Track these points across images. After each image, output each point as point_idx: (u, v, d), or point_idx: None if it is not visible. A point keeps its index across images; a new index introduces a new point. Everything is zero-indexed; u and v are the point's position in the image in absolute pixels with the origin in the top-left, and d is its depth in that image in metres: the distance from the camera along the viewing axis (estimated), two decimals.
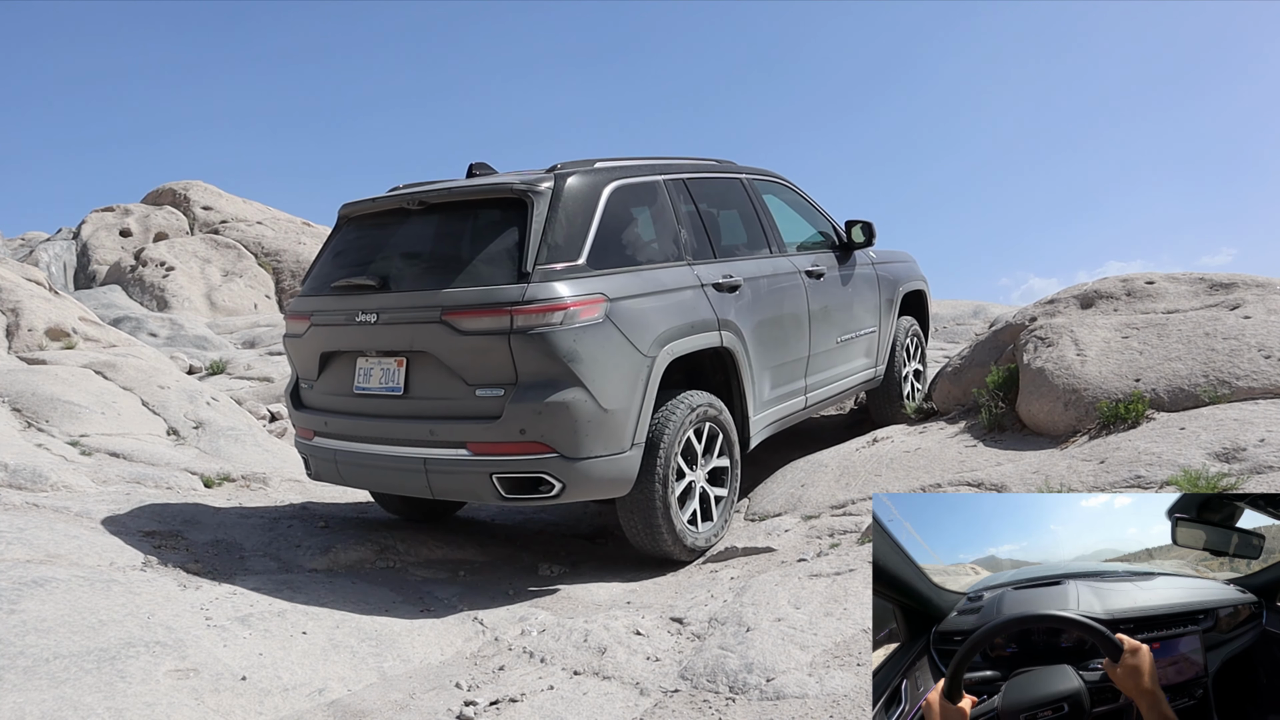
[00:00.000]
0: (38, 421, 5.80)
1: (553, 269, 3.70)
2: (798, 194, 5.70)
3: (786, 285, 4.96)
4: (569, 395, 3.61)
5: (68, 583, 3.12)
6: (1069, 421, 4.52)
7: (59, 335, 7.61)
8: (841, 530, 4.06)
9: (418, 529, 4.72)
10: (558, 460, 3.64)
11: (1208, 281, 5.22)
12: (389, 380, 3.93)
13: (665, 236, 4.39)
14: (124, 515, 4.26)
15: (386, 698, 2.79)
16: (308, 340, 4.22)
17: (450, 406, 3.77)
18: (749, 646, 2.85)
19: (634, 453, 3.83)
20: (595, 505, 5.78)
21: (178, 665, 2.70)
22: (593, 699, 2.71)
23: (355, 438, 4.06)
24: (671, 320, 4.02)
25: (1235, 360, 4.32)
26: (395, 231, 4.20)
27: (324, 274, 4.29)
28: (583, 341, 3.64)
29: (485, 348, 3.63)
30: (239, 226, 18.04)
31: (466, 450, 3.71)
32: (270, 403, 8.56)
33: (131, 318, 13.18)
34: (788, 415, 4.98)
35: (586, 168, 4.10)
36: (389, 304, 3.87)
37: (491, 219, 3.92)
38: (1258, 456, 3.55)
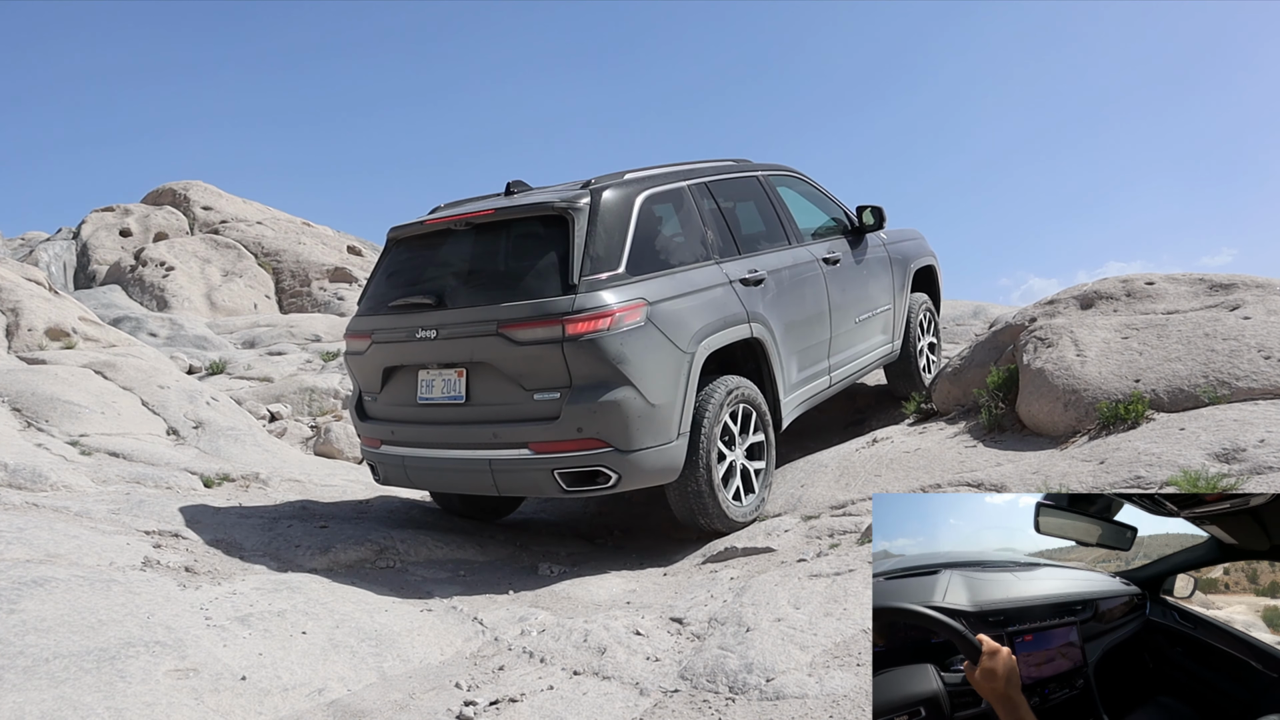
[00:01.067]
0: (37, 421, 5.80)
1: (597, 279, 4.00)
2: (810, 184, 5.99)
3: (806, 274, 5.25)
4: (620, 394, 3.90)
5: (67, 583, 3.12)
6: (1069, 422, 4.52)
7: (59, 335, 7.60)
8: (841, 530, 4.06)
9: (417, 529, 4.72)
10: (613, 454, 3.94)
11: (1207, 282, 5.22)
12: (451, 390, 4.22)
13: (693, 238, 4.68)
14: (124, 515, 4.26)
15: (386, 698, 2.79)
16: (370, 357, 4.50)
17: (510, 411, 4.05)
18: (749, 647, 2.85)
19: (680, 442, 4.13)
20: (595, 506, 5.78)
21: (177, 665, 2.70)
22: (592, 699, 2.71)
23: (422, 444, 4.36)
24: (706, 317, 4.31)
25: (1235, 361, 4.32)
26: (444, 251, 4.47)
27: (380, 294, 4.59)
28: (629, 344, 3.93)
29: (541, 355, 3.92)
30: (239, 226, 18.04)
31: (528, 450, 4.00)
32: (270, 403, 8.57)
33: (131, 318, 13.18)
34: (815, 395, 5.28)
35: (618, 180, 4.38)
36: (447, 320, 4.16)
37: (536, 235, 4.22)
38: (1257, 457, 3.55)
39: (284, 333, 12.64)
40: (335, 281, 16.93)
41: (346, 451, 7.34)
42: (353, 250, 18.93)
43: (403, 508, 5.37)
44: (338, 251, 18.40)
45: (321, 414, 8.44)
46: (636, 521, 5.40)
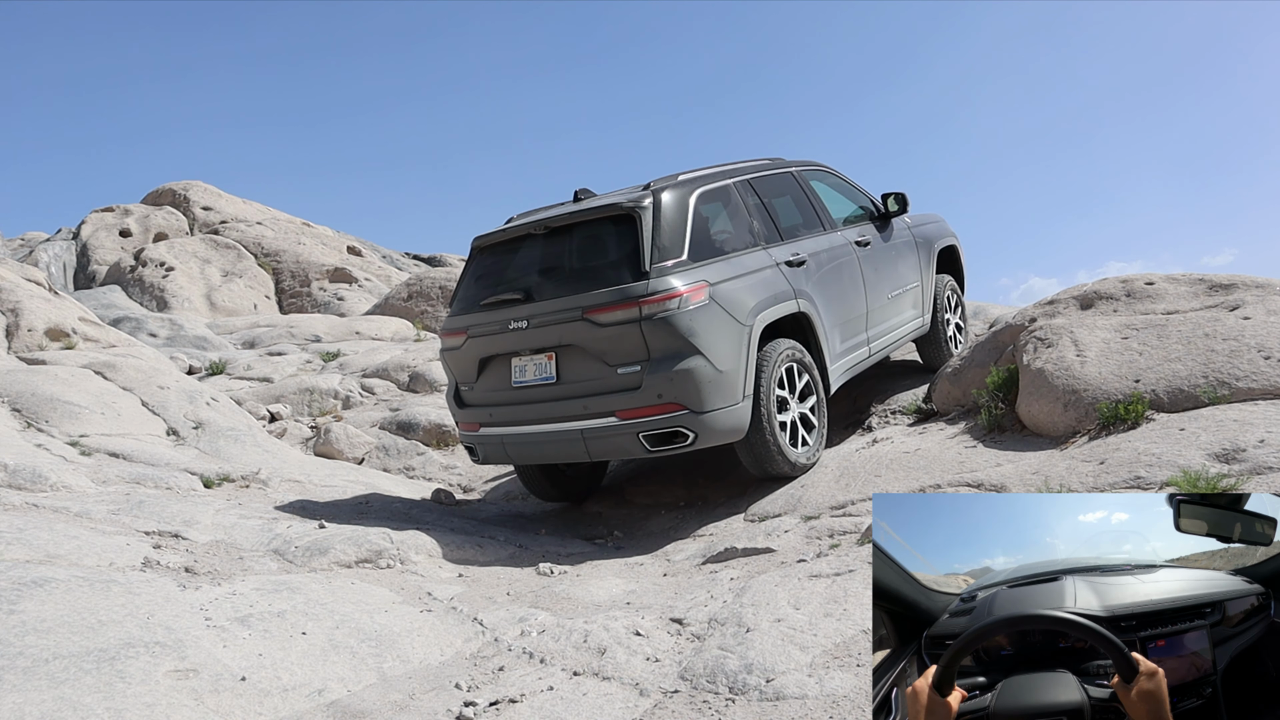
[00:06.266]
0: (37, 422, 5.80)
1: (665, 265, 4.60)
2: (838, 177, 6.53)
3: (841, 256, 5.79)
4: (693, 363, 4.49)
5: (67, 583, 3.11)
6: (1069, 422, 4.52)
7: (59, 335, 7.60)
8: (841, 531, 4.06)
9: (417, 529, 4.72)
10: (689, 415, 4.50)
11: (1207, 282, 5.21)
12: (542, 372, 4.82)
13: (742, 228, 5.27)
14: (124, 515, 4.25)
15: (386, 698, 2.79)
16: (466, 350, 5.07)
17: (597, 385, 4.64)
18: (749, 647, 2.85)
19: (745, 403, 4.69)
20: (594, 506, 5.78)
21: (177, 666, 2.70)
22: (592, 699, 2.71)
23: (518, 422, 4.91)
24: (759, 295, 4.89)
25: (1235, 361, 4.32)
26: (525, 253, 5.07)
27: (470, 295, 5.16)
28: (697, 319, 4.52)
29: (622, 334, 4.52)
30: (239, 227, 18.04)
31: (616, 418, 4.58)
32: (270, 403, 8.57)
33: (131, 318, 13.19)
34: (857, 363, 5.79)
35: (674, 181, 4.98)
36: (536, 311, 4.74)
37: (608, 233, 4.81)
38: (1257, 457, 3.55)
39: (284, 333, 12.64)
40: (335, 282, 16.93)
41: (346, 452, 7.34)
42: (353, 250, 18.93)
43: (403, 508, 5.37)
44: (338, 252, 18.40)
45: (321, 414, 8.44)
46: (636, 521, 5.40)
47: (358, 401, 8.65)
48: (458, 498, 6.41)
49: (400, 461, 7.33)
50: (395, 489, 6.15)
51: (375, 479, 6.47)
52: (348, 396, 8.69)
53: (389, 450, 7.43)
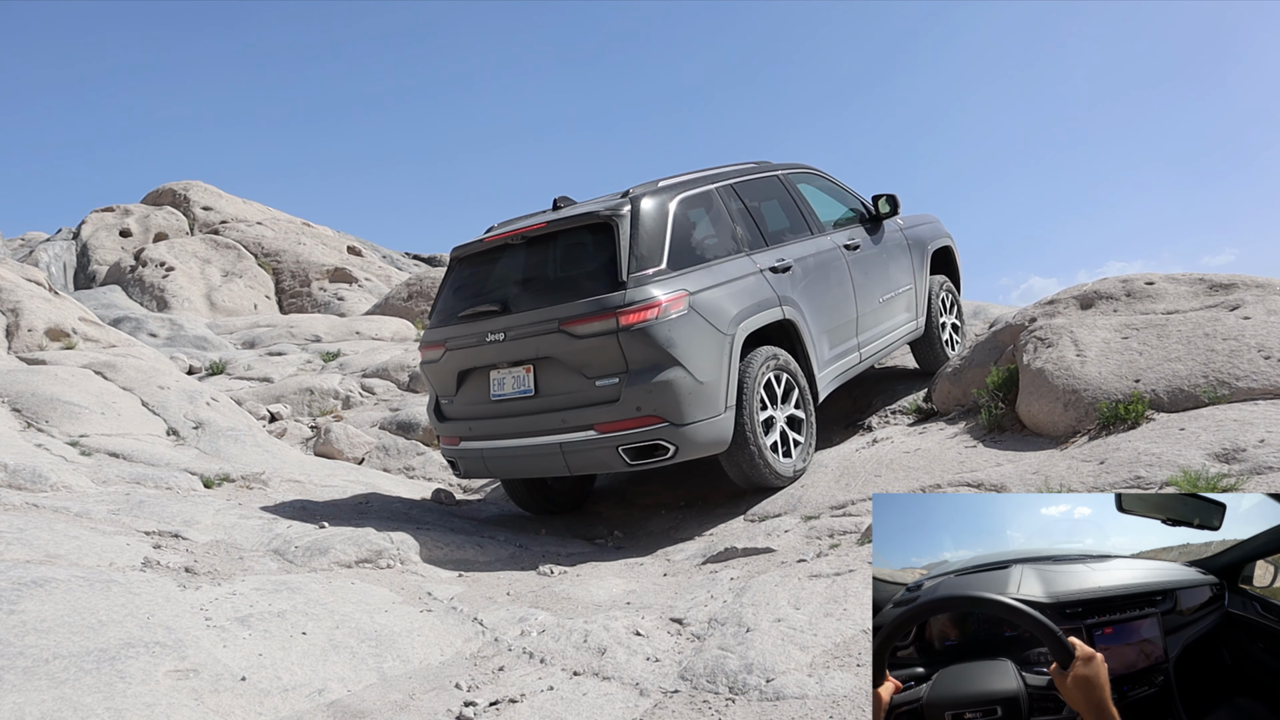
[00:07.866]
0: (37, 422, 5.80)
1: (643, 275, 4.47)
2: (827, 179, 6.36)
3: (829, 260, 5.65)
4: (672, 374, 4.36)
5: (67, 583, 3.11)
6: (1069, 422, 4.52)
7: (59, 335, 7.60)
8: (841, 531, 4.06)
9: (417, 529, 4.72)
10: (669, 428, 4.38)
11: (1207, 282, 5.21)
12: (520, 385, 4.70)
13: (724, 234, 5.12)
14: (124, 515, 4.25)
15: (386, 698, 2.79)
16: (444, 363, 4.96)
17: (576, 398, 4.52)
18: (749, 647, 2.85)
19: (728, 414, 4.57)
20: (594, 506, 5.78)
21: (177, 666, 2.70)
22: (592, 699, 2.71)
23: (498, 436, 4.80)
24: (741, 303, 4.75)
25: (1235, 361, 4.32)
26: (503, 264, 4.96)
27: (448, 307, 5.07)
28: (676, 330, 4.40)
29: (599, 346, 4.40)
30: (239, 227, 18.04)
31: (594, 431, 4.46)
32: (270, 403, 8.56)
33: (131, 318, 13.19)
34: (847, 370, 5.66)
35: (653, 188, 4.84)
36: (513, 323, 4.64)
37: (585, 242, 4.71)
38: (1257, 457, 3.55)
39: (284, 333, 12.63)
40: (335, 282, 16.93)
41: (346, 452, 7.34)
42: (353, 250, 18.93)
43: (403, 508, 5.37)
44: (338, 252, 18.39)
45: (321, 414, 8.43)
46: (637, 522, 5.40)
47: (358, 401, 8.65)
48: (458, 498, 6.41)
49: (400, 461, 7.32)
50: (395, 489, 6.14)
51: (375, 479, 6.47)
52: (348, 396, 8.68)
53: (389, 450, 7.43)
